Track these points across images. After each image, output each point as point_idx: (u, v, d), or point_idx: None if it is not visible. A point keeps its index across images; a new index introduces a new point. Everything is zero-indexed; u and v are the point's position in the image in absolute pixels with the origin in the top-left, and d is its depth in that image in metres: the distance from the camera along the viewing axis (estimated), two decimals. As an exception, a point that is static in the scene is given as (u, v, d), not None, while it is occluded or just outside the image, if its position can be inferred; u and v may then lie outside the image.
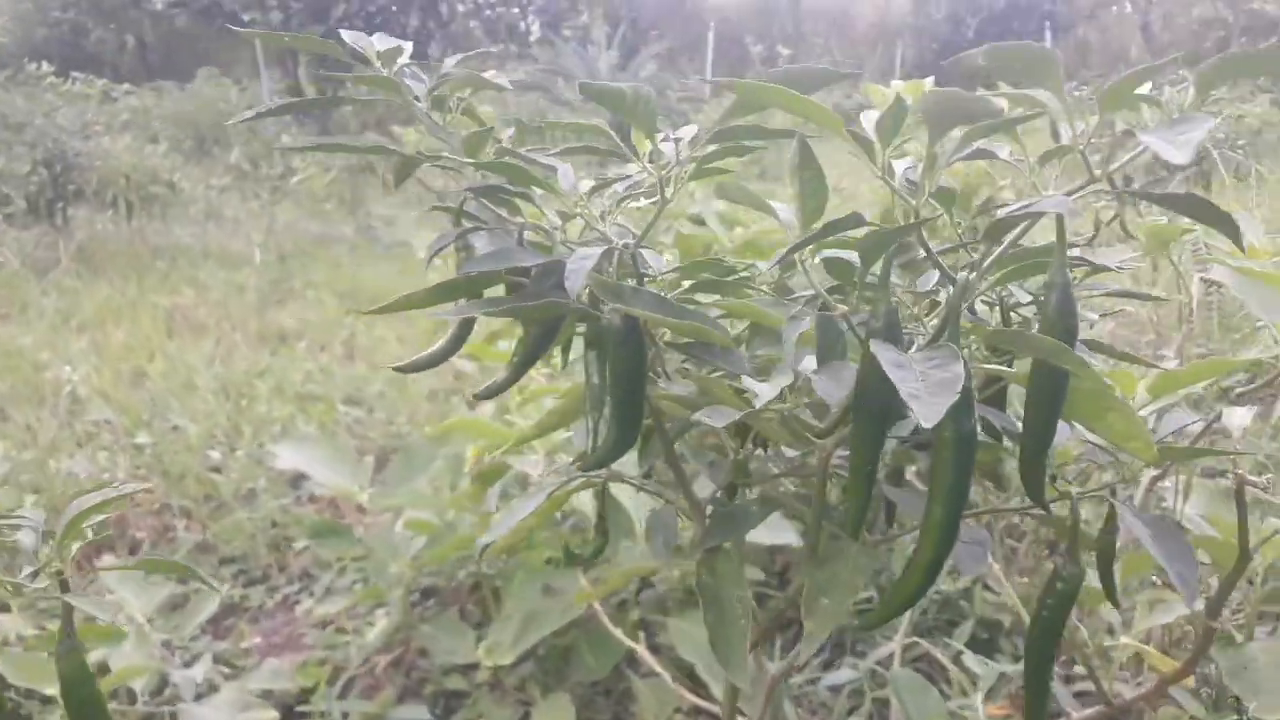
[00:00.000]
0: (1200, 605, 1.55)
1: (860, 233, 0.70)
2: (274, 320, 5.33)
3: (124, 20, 17.34)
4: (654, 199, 0.90)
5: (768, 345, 0.97)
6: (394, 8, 15.03)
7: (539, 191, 0.90)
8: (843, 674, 2.02)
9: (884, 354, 0.67)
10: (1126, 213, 0.91)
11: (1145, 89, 0.68)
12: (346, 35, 0.96)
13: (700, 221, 2.53)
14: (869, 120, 0.67)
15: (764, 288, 0.92)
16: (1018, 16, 20.47)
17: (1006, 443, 0.90)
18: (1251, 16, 14.13)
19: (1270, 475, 0.98)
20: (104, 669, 1.80)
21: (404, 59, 0.94)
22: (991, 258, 0.71)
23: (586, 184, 0.87)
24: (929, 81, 3.50)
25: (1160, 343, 2.43)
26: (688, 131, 0.76)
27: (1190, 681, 1.41)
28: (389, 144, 1.02)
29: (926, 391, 0.62)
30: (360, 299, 5.89)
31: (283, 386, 4.13)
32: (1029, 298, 0.96)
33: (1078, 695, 1.87)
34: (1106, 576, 0.94)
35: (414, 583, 2.37)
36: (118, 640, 1.86)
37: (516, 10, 20.02)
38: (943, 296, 0.82)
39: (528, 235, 0.94)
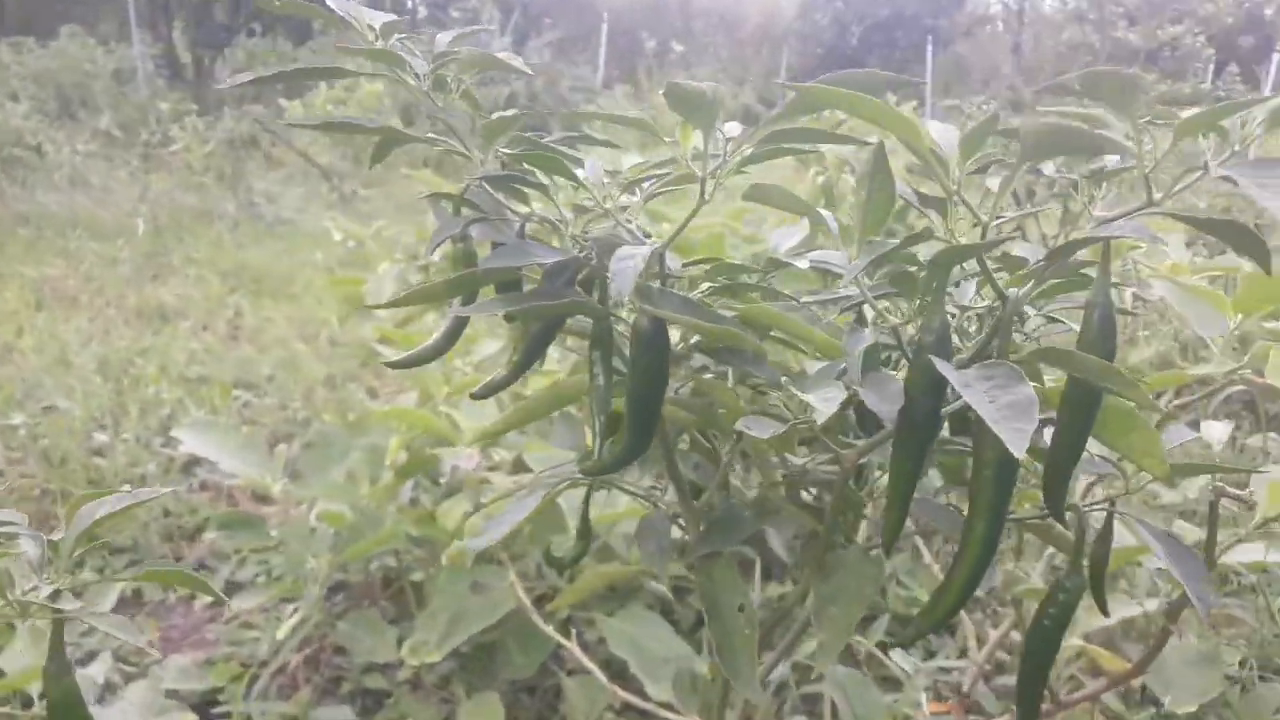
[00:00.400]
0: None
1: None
2: (153, 296, 5.06)
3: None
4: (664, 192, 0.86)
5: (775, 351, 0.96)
6: (273, -24, 14.41)
7: (551, 183, 0.86)
8: (777, 671, 2.02)
9: (949, 371, 0.65)
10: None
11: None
12: (334, 2, 0.89)
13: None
14: (943, 134, 0.66)
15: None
16: (901, 27, 21.07)
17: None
18: (1116, 44, 14.87)
19: (1250, 489, 1.01)
20: (-2, 672, 1.67)
21: (399, 33, 0.88)
22: (1049, 276, 0.70)
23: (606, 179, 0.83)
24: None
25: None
26: (733, 128, 0.73)
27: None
28: (287, 118, 0.95)
29: (1004, 416, 0.61)
30: (244, 278, 5.65)
31: (167, 367, 3.92)
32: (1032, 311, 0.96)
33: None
34: (1098, 585, 0.95)
35: (328, 577, 2.27)
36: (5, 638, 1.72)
37: (403, -14, 19.52)
38: (972, 308, 0.81)
39: (530, 229, 0.89)
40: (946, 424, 0.91)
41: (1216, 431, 1.13)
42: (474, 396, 0.91)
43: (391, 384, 3.73)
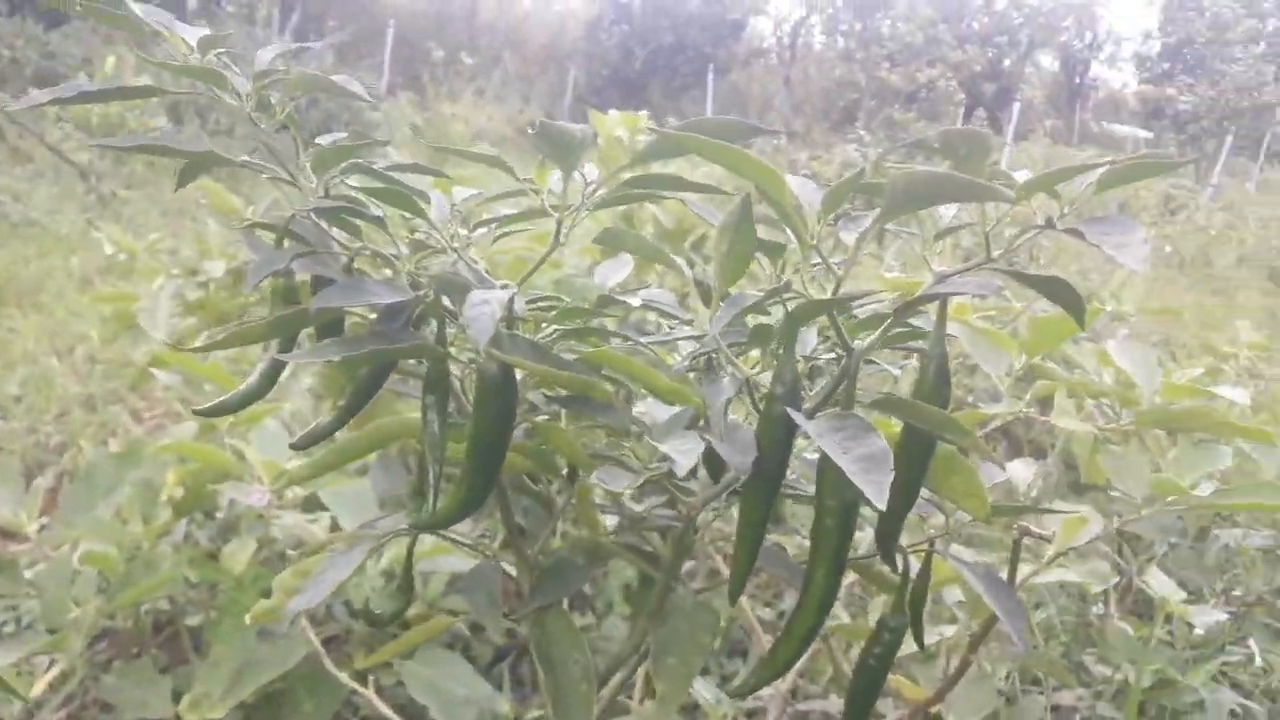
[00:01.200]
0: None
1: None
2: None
3: None
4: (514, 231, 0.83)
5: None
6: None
7: (385, 216, 0.81)
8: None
9: (806, 424, 0.66)
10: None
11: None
12: (140, 10, 0.81)
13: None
14: (801, 187, 0.66)
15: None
16: (683, 54, 21.72)
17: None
18: (880, 84, 15.93)
19: (1054, 530, 1.08)
20: None
21: (219, 49, 0.81)
22: (894, 330, 0.72)
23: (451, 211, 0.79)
24: (644, 114, 3.58)
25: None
26: (591, 171, 0.71)
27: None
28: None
29: (862, 469, 0.62)
30: (-16, 284, 5.10)
31: (-115, 385, 3.48)
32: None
33: None
34: (917, 624, 0.98)
35: (93, 626, 2.06)
36: None
37: (171, -24, 18.31)
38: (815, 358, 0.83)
39: (358, 263, 0.84)
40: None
41: (1022, 471, 1.20)
42: (294, 447, 0.84)
43: (159, 407, 3.45)
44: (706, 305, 0.74)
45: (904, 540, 0.96)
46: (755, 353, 0.75)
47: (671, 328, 0.95)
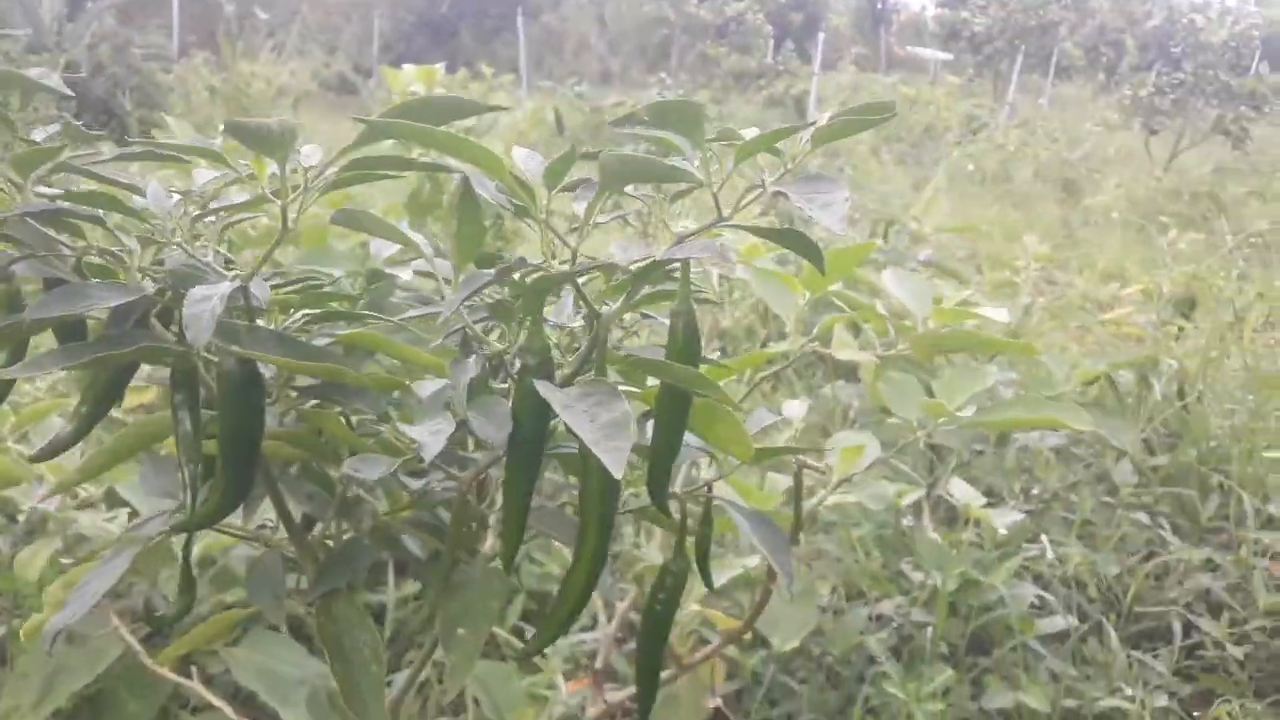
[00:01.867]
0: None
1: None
2: None
3: None
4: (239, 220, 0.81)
5: (360, 369, 0.93)
6: None
7: (104, 215, 0.77)
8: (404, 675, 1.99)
9: (551, 394, 0.67)
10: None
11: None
12: None
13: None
14: (528, 161, 0.66)
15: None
16: (492, -1, 21.25)
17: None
18: (689, 19, 16.02)
19: (826, 462, 1.13)
20: None
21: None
22: (639, 295, 0.74)
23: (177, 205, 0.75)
24: (440, 68, 3.50)
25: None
26: (312, 153, 0.69)
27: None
28: None
29: (604, 436, 0.63)
30: None
31: None
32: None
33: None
34: (704, 565, 1.02)
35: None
36: None
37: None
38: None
39: (88, 261, 0.79)
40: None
41: (795, 410, 1.26)
42: (34, 460, 0.80)
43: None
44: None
45: (680, 487, 0.99)
46: (512, 331, 0.75)
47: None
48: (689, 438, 0.96)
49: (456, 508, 0.84)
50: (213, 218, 0.75)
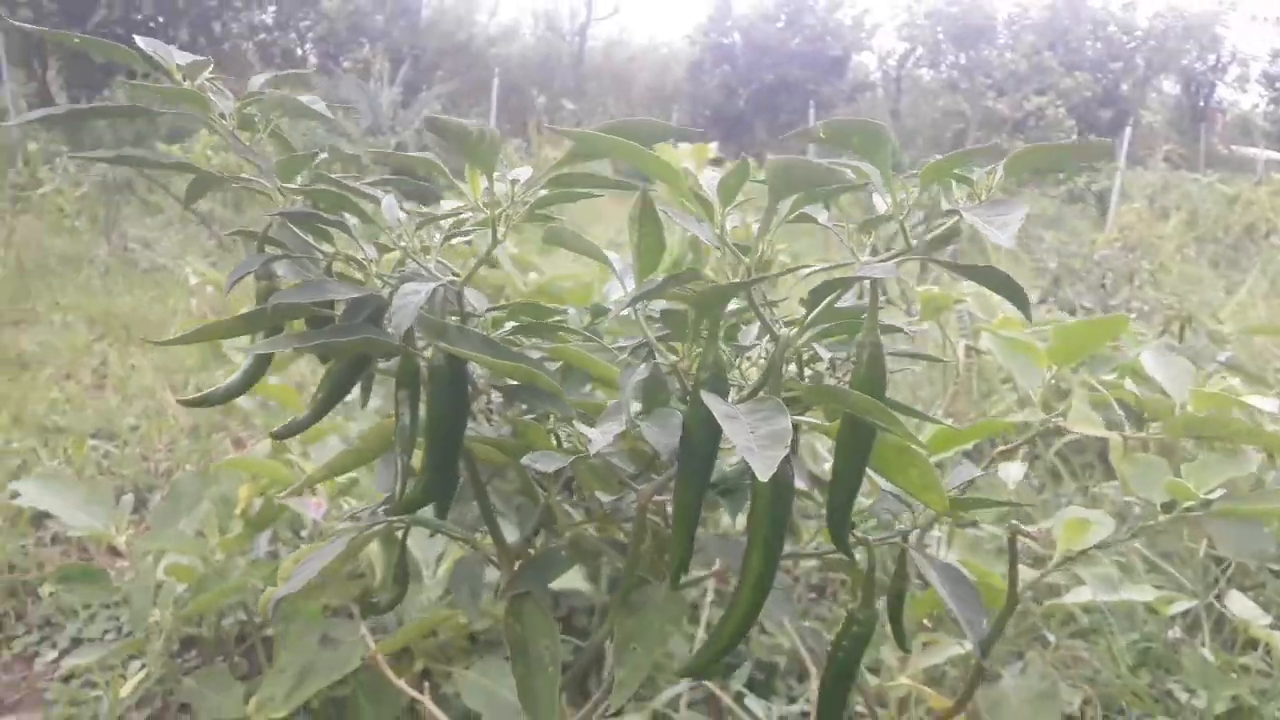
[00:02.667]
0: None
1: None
2: (12, 344, 4.84)
3: None
4: (468, 238, 0.88)
5: (575, 390, 0.97)
6: (161, 19, 14.16)
7: (353, 221, 0.87)
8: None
9: (716, 405, 0.68)
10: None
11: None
12: (143, 43, 0.89)
13: (494, 264, 2.51)
14: (709, 180, 0.69)
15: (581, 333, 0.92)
16: (786, 92, 21.75)
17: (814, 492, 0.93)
18: (986, 113, 15.63)
19: (1042, 525, 1.06)
20: None
21: (207, 73, 0.89)
22: (813, 316, 0.74)
23: (406, 217, 0.84)
24: (713, 146, 3.65)
25: (927, 402, 2.62)
26: (522, 173, 0.76)
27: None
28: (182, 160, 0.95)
29: (758, 444, 0.64)
30: (113, 325, 5.46)
31: (22, 416, 3.75)
32: (827, 354, 1.01)
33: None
34: (896, 620, 0.99)
35: (175, 632, 2.19)
36: None
37: (294, 36, 19.36)
38: (757, 350, 0.85)
39: (336, 267, 0.90)
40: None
41: (1012, 472, 1.19)
42: (274, 436, 0.91)
43: (260, 433, 3.63)
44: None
45: (873, 534, 0.96)
46: (688, 345, 0.78)
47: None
48: (884, 483, 0.94)
49: (637, 522, 0.86)
50: (437, 231, 0.83)
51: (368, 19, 19.00)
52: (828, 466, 0.84)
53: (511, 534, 1.03)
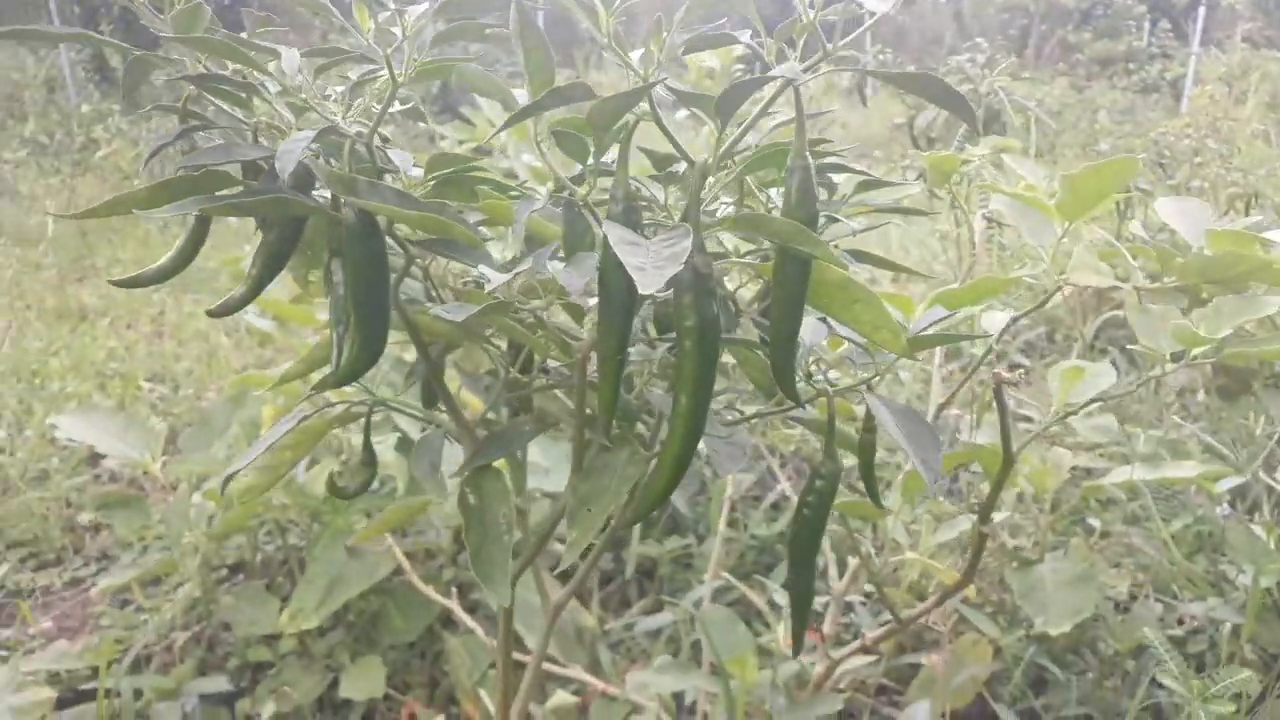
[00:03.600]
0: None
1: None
2: (74, 297, 4.97)
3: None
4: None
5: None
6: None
7: (272, 87, 0.83)
8: (659, 618, 2.02)
9: (614, 232, 0.64)
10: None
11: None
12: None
13: (513, 176, 2.47)
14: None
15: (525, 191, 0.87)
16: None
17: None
18: (1050, 5, 14.95)
19: (1023, 370, 1.00)
20: None
21: None
22: (732, 138, 0.69)
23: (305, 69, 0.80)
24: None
25: (943, 278, 2.53)
26: (415, 9, 0.71)
27: (971, 594, 1.46)
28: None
29: (652, 265, 0.60)
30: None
31: (80, 365, 3.86)
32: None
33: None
34: (868, 475, 0.94)
35: (218, 556, 2.24)
36: None
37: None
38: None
39: (265, 136, 0.87)
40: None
41: (996, 322, 1.12)
42: (210, 314, 0.89)
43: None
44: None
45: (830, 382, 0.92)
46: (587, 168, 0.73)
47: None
48: (846, 330, 0.89)
49: (578, 383, 0.83)
50: (341, 84, 0.80)
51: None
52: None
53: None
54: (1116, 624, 1.86)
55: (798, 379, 0.86)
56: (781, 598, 1.87)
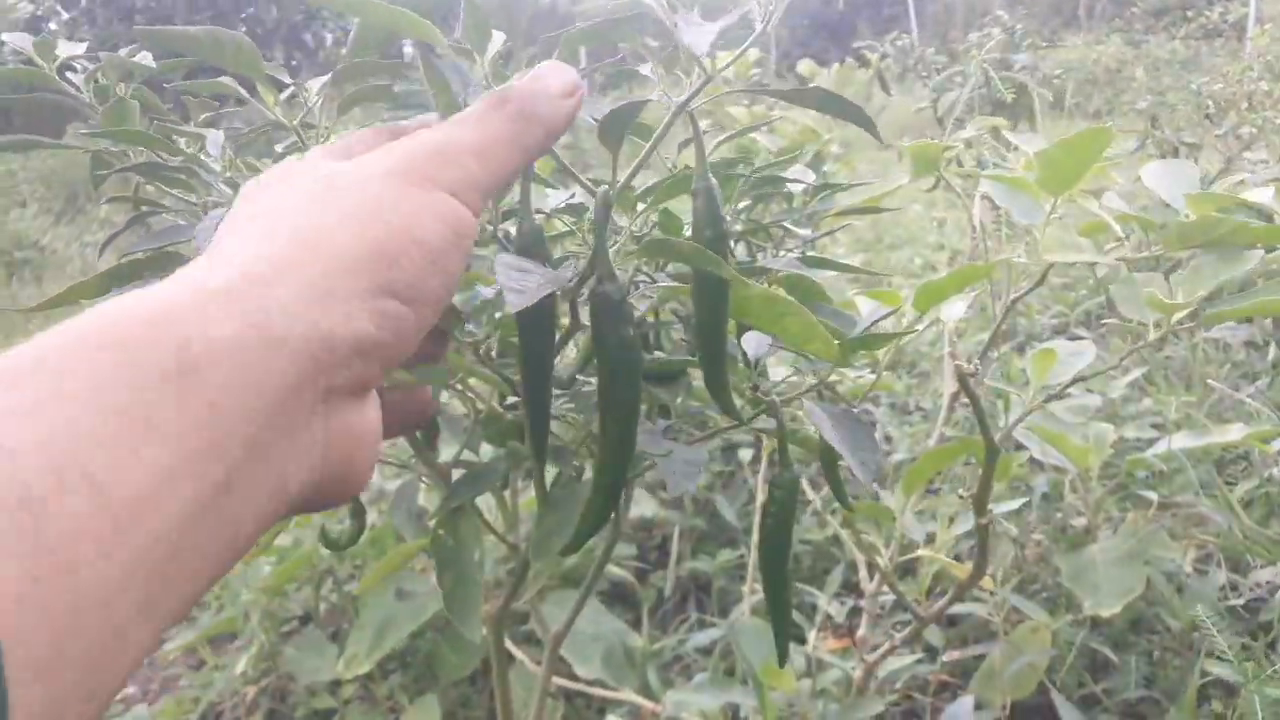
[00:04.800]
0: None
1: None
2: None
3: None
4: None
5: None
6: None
7: (215, 166, 0.88)
8: (710, 633, 2.02)
9: (503, 260, 0.65)
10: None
11: None
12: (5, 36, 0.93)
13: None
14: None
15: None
16: (884, -12, 20.92)
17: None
18: (1102, -38, 14.60)
19: (977, 363, 0.99)
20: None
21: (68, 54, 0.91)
22: (633, 166, 0.71)
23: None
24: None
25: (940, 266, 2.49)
26: (315, 83, 0.74)
27: (988, 583, 1.44)
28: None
29: (535, 286, 0.62)
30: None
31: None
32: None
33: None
34: (834, 479, 0.94)
35: (283, 609, 2.31)
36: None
37: (389, 36, 19.71)
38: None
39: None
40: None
41: (953, 310, 1.11)
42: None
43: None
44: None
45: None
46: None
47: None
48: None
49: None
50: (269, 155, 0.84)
51: None
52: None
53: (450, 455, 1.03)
54: (1174, 599, 1.81)
55: (748, 393, 0.88)
56: (820, 603, 1.86)
